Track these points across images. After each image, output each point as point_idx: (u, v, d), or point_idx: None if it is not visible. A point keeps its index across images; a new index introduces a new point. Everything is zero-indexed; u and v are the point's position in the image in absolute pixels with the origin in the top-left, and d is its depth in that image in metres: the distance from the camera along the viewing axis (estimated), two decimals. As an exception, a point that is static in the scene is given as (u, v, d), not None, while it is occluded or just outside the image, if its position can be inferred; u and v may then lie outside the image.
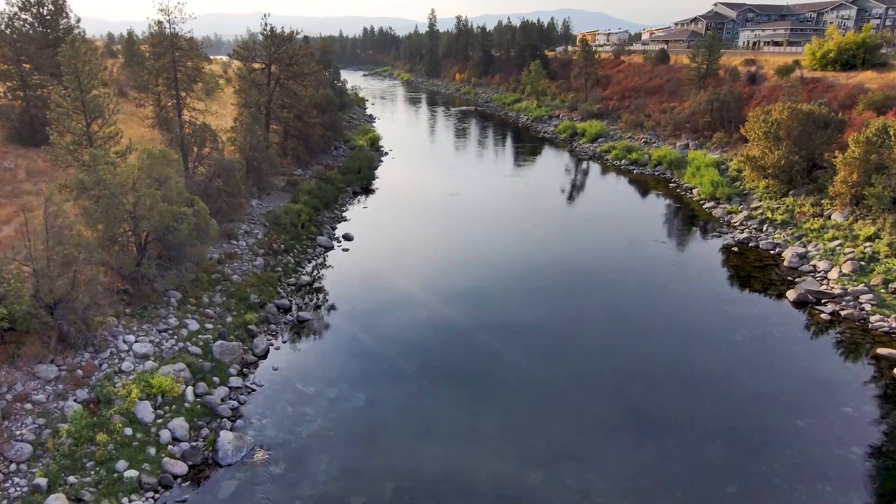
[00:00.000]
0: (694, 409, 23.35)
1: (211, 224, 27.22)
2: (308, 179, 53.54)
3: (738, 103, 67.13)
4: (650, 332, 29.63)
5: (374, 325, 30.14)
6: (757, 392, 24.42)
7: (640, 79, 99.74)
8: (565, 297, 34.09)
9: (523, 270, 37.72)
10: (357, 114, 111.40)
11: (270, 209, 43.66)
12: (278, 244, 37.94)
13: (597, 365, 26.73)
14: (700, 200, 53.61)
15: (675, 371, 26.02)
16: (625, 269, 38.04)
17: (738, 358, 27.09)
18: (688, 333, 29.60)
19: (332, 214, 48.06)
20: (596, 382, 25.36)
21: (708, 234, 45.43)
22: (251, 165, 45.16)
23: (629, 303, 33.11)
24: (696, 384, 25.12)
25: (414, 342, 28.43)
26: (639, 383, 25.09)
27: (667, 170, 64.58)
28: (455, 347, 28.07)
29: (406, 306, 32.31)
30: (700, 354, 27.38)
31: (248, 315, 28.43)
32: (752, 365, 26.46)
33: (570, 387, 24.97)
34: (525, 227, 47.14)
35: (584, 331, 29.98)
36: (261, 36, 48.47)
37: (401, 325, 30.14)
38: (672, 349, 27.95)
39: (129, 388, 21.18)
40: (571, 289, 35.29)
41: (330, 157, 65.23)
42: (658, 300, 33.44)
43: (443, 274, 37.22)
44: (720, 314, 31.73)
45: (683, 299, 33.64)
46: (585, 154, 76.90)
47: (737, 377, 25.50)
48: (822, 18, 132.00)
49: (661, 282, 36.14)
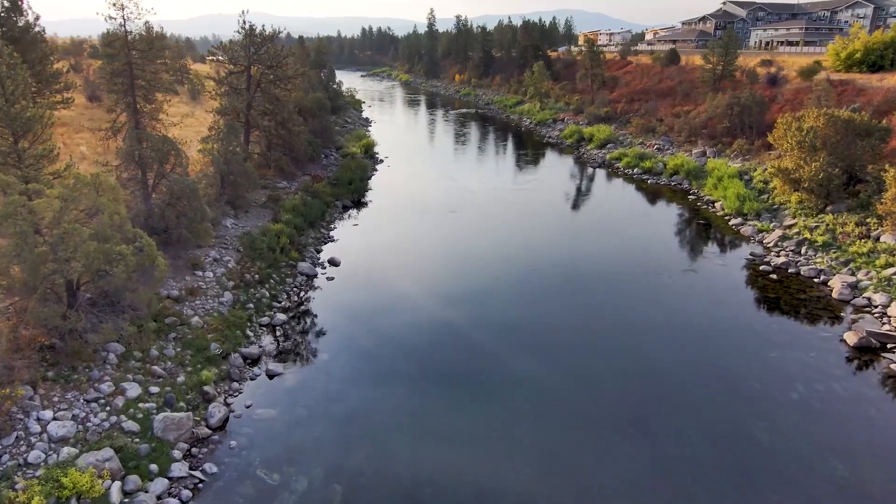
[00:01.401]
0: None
1: (158, 264, 22.28)
2: (293, 193, 48.62)
3: (760, 108, 62.22)
4: (685, 390, 24.67)
5: (358, 380, 25.22)
6: (841, 484, 19.46)
7: (649, 80, 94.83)
8: (580, 335, 29.16)
9: (536, 308, 32.77)
10: (352, 117, 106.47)
11: (247, 230, 38.73)
12: (252, 273, 32.99)
13: (624, 445, 21.80)
14: (725, 216, 48.70)
15: (722, 455, 21.01)
16: (648, 302, 33.09)
17: (804, 432, 22.03)
18: (732, 392, 24.58)
19: (318, 234, 43.07)
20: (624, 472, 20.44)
21: (737, 255, 40.50)
22: (226, 180, 40.26)
23: (658, 349, 28.14)
24: (755, 475, 20.17)
25: (407, 405, 23.49)
26: (676, 468, 20.17)
27: (684, 180, 59.65)
28: (457, 415, 23.15)
29: (397, 353, 27.36)
30: (753, 424, 22.36)
31: (205, 372, 23.48)
32: (824, 442, 21.44)
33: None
34: (534, 250, 42.16)
35: (605, 383, 25.02)
36: (238, 35, 43.52)
37: (391, 380, 25.22)
38: (713, 414, 22.98)
39: (30, 494, 16.24)
40: (587, 326, 30.34)
41: (319, 166, 60.26)
42: (691, 343, 28.50)
43: (440, 311, 32.27)
44: (767, 363, 26.78)
45: (721, 341, 28.69)
46: (594, 161, 71.91)
47: (809, 461, 20.51)
48: (835, 17, 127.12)
49: (691, 318, 31.21)
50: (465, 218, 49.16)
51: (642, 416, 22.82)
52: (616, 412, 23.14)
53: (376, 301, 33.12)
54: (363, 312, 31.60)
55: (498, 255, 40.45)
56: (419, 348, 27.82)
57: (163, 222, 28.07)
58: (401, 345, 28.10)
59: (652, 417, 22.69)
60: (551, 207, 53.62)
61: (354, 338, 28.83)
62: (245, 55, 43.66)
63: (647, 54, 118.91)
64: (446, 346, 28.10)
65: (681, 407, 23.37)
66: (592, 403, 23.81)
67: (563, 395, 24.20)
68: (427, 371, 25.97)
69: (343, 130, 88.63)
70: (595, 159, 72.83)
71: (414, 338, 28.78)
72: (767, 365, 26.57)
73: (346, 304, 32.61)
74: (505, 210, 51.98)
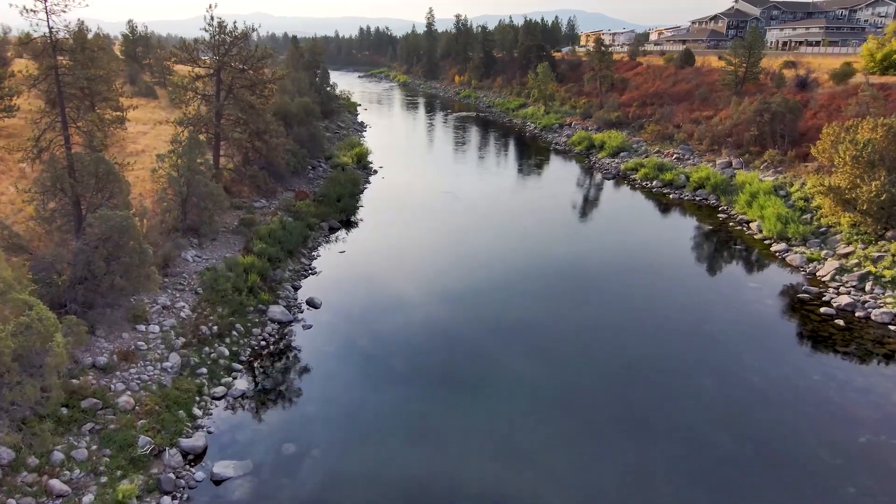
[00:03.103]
0: None
1: (55, 344, 16.25)
2: (272, 213, 42.60)
3: (793, 114, 56.26)
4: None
5: (337, 488, 19.22)
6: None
7: (662, 83, 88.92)
8: (612, 399, 23.18)
9: (555, 359, 26.79)
10: (346, 121, 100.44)
11: (211, 264, 32.72)
12: (210, 325, 26.97)
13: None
14: (764, 239, 42.72)
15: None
16: (683, 358, 27.09)
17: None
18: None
19: (298, 266, 37.01)
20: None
21: (787, 291, 34.51)
22: (189, 203, 34.26)
23: (706, 433, 22.17)
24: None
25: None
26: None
27: (710, 194, 53.64)
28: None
29: (391, 446, 21.36)
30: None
31: (123, 486, 17.44)
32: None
33: None
34: (551, 288, 36.19)
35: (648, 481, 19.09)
36: (205, 33, 37.48)
37: (377, 484, 19.24)
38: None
39: None
40: (617, 388, 24.35)
41: (304, 180, 54.20)
42: (751, 426, 22.51)
43: (440, 377, 26.27)
44: (852, 446, 20.82)
45: (796, 424, 22.69)
46: (608, 172, 65.83)
47: None
48: (854, 16, 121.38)
49: (744, 381, 25.20)
50: (469, 243, 43.17)
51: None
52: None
53: (361, 360, 27.09)
54: (344, 381, 25.49)
55: (512, 296, 34.46)
56: (417, 441, 21.81)
57: (87, 272, 22.05)
58: (392, 429, 22.08)
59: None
60: (566, 229, 47.62)
61: (334, 421, 22.71)
62: (214, 57, 37.59)
63: (657, 55, 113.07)
64: (453, 438, 22.10)
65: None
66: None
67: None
68: (427, 483, 19.99)
69: (335, 137, 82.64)
70: (608, 169, 66.80)
71: (409, 422, 22.75)
72: (854, 452, 20.58)
73: (324, 366, 26.46)
74: (514, 234, 45.95)
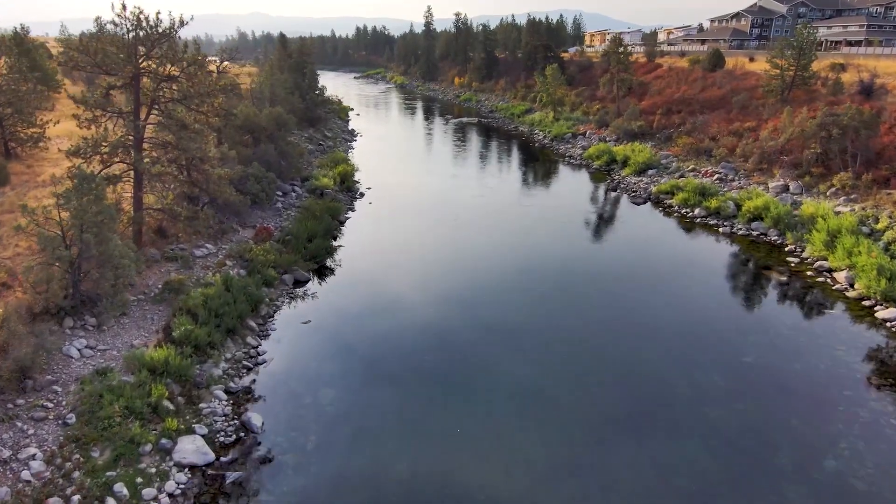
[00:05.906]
0: None
1: None
2: (218, 265, 32.47)
3: (868, 129, 46.18)
4: None
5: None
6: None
7: (689, 88, 78.70)
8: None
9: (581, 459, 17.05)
10: (335, 129, 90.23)
11: (104, 364, 22.56)
12: (70, 492, 16.80)
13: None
14: (858, 298, 32.67)
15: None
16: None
17: None
18: None
19: (240, 351, 26.73)
20: None
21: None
22: (77, 272, 24.11)
23: None
24: None
25: None
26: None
27: (771, 229, 43.45)
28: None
29: None
30: None
31: None
32: None
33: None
34: (583, 367, 26.14)
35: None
36: (112, 26, 27.01)
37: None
38: None
39: None
40: None
41: (272, 211, 43.91)
42: None
43: None
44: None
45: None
46: (637, 196, 55.46)
47: None
48: (890, 13, 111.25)
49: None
50: (475, 304, 33.01)
51: None
52: None
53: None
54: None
55: (533, 384, 24.35)
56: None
57: None
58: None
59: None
60: (598, 277, 37.40)
61: None
62: (129, 59, 27.23)
63: (676, 55, 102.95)
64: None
65: None
66: None
67: None
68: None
69: (319, 150, 72.45)
70: (637, 192, 56.55)
71: None
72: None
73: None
74: (535, 291, 35.78)
